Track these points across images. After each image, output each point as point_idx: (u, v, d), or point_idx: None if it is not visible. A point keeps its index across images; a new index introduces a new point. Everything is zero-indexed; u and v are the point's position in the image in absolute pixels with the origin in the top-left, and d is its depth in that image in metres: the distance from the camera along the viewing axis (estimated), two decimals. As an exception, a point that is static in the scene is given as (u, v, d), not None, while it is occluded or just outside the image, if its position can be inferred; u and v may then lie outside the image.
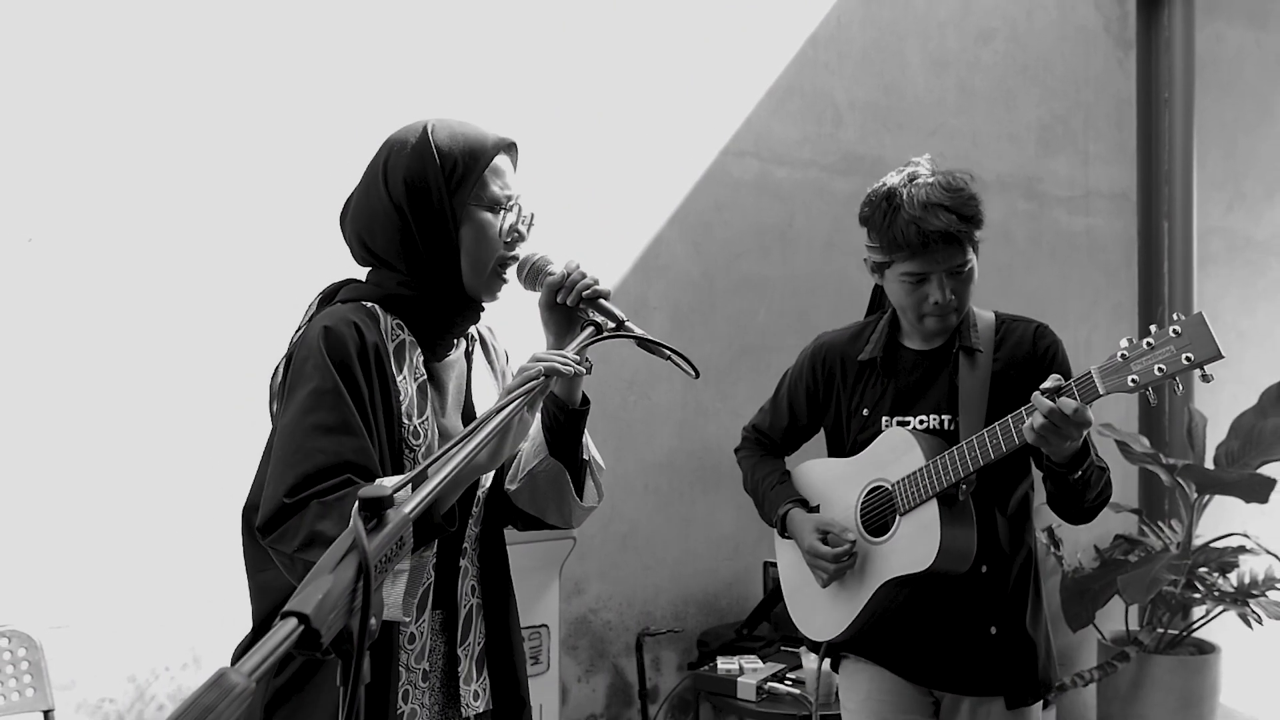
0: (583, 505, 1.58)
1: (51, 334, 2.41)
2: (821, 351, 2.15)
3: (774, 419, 2.24)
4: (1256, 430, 4.03)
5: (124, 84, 2.49)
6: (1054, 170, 4.29)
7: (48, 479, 2.40)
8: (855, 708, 2.08)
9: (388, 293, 1.49)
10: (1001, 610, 1.97)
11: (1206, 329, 1.58)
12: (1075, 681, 3.83)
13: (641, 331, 1.44)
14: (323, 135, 2.70)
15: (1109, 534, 4.35)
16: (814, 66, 3.63)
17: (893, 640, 2.03)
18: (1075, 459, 1.78)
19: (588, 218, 3.15)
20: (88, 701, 2.45)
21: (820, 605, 2.08)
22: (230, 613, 2.48)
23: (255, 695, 1.45)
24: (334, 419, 1.35)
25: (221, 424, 2.55)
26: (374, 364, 1.42)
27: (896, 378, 2.04)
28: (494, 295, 1.54)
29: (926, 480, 1.88)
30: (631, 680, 3.25)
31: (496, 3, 3.02)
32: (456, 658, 1.53)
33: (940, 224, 1.86)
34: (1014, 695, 1.97)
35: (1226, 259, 4.96)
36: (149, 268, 2.52)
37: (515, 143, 1.54)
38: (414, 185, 1.46)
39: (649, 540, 3.31)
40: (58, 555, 2.40)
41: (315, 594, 0.75)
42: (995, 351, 1.99)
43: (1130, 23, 4.56)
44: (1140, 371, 1.63)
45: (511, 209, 1.51)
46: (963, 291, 1.94)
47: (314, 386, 1.36)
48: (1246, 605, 3.79)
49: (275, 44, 2.68)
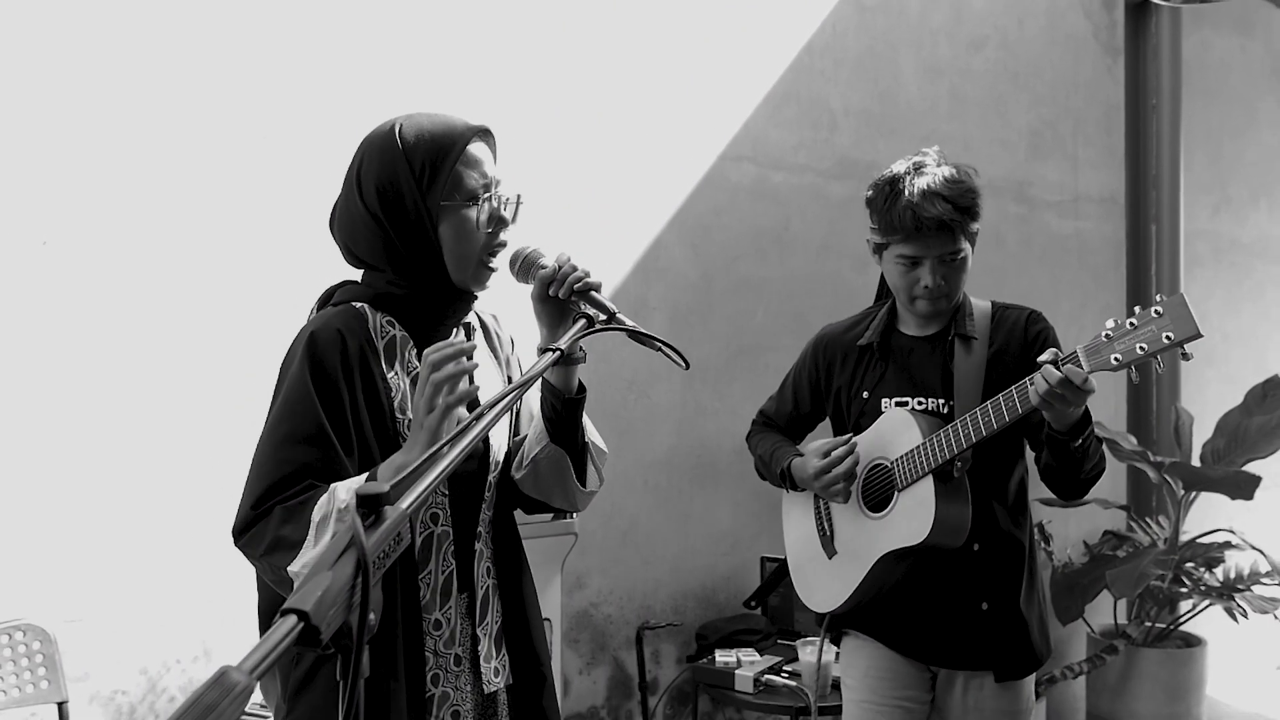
0: (585, 490, 1.59)
1: (65, 334, 2.41)
2: (823, 342, 2.20)
3: (779, 406, 2.29)
4: (1242, 428, 4.02)
5: (133, 91, 2.49)
6: (1044, 175, 4.28)
7: (61, 477, 2.39)
8: (854, 683, 2.12)
9: (378, 292, 1.49)
10: (993, 588, 2.00)
11: (1187, 309, 1.60)
12: (1065, 674, 3.82)
13: (633, 324, 1.43)
14: (324, 138, 2.69)
15: (1098, 530, 4.34)
16: (810, 73, 3.62)
17: (890, 617, 2.06)
18: (1077, 426, 1.80)
19: (588, 220, 3.14)
20: (101, 693, 2.44)
21: (822, 578, 2.13)
22: (239, 607, 2.48)
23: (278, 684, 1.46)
24: (304, 428, 1.37)
25: (229, 422, 2.54)
26: (358, 367, 1.42)
27: (894, 362, 2.07)
28: (483, 285, 1.52)
29: (923, 456, 1.91)
30: (632, 672, 3.25)
31: (500, 6, 3.02)
32: (477, 637, 1.54)
33: (935, 211, 1.90)
34: (1003, 669, 2.00)
35: (1212, 262, 4.95)
36: (161, 269, 2.52)
37: (488, 128, 1.51)
38: (386, 192, 1.45)
39: (649, 536, 3.30)
40: (71, 551, 2.40)
41: (314, 590, 0.74)
42: (990, 338, 2.02)
43: (1118, 31, 4.54)
44: (1123, 350, 1.65)
45: (490, 198, 1.48)
46: (953, 279, 1.98)
47: (288, 396, 1.39)
48: (1232, 599, 3.79)
49: (280, 48, 2.68)
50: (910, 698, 2.05)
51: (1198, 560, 3.90)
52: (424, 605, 1.48)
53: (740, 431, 2.40)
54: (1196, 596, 3.93)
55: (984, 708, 2.01)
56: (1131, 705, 3.94)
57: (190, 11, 2.56)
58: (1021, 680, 2.03)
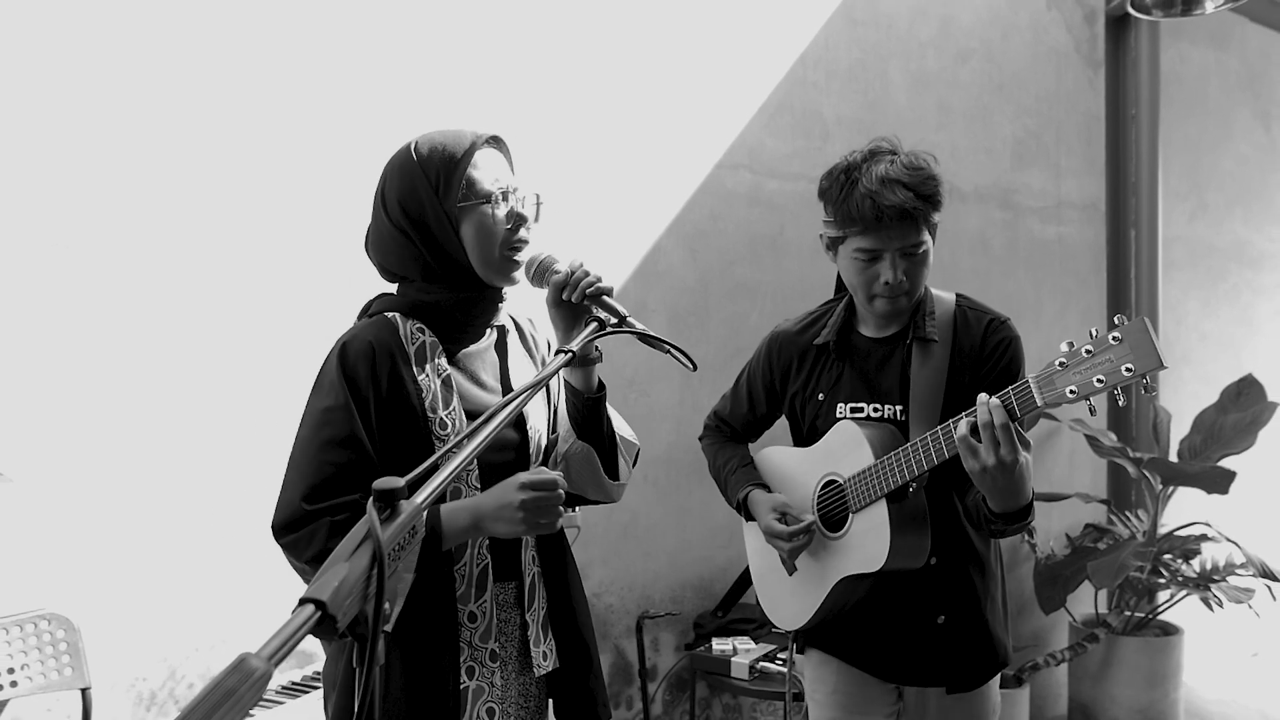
0: (617, 482, 1.63)
1: (99, 333, 2.40)
2: (777, 342, 2.04)
3: (734, 407, 2.15)
4: (1217, 426, 4.03)
5: (163, 95, 2.49)
6: (1028, 182, 4.28)
7: (85, 471, 2.39)
8: (822, 699, 2.00)
9: (410, 302, 1.53)
10: (951, 601, 1.86)
11: (1149, 337, 1.38)
12: (1048, 661, 3.83)
13: (642, 327, 1.44)
14: (340, 148, 2.69)
15: (1079, 523, 4.34)
16: (803, 85, 3.62)
17: (851, 636, 1.94)
18: (1014, 514, 1.62)
19: (591, 226, 3.14)
20: (122, 680, 2.44)
21: (785, 594, 2.00)
22: (256, 597, 2.48)
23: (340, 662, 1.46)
24: (340, 433, 1.42)
25: (246, 418, 2.54)
26: (387, 375, 1.46)
27: (851, 364, 1.90)
28: (510, 279, 1.54)
29: (875, 480, 1.75)
30: (632, 660, 3.25)
31: (510, 22, 3.02)
32: (527, 623, 1.55)
33: (896, 199, 1.70)
34: (955, 681, 1.87)
35: (1189, 265, 4.95)
36: (186, 272, 2.51)
37: (498, 136, 1.55)
38: (408, 204, 1.49)
39: (649, 529, 3.30)
40: (95, 543, 2.40)
41: (332, 581, 0.75)
42: (952, 342, 1.82)
43: (1099, 44, 4.55)
44: (1079, 383, 1.45)
45: (505, 197, 1.50)
46: (915, 274, 1.78)
47: (326, 404, 1.43)
48: (1208, 590, 3.79)
49: (297, 60, 2.68)
50: (876, 712, 1.94)
51: (1175, 552, 3.90)
52: (459, 596, 1.49)
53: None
54: (1174, 587, 3.93)
55: (948, 718, 1.90)
56: (1112, 691, 3.94)
57: (215, 21, 2.56)
58: (980, 688, 1.89)
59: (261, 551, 1.41)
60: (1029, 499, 1.62)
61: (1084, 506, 4.35)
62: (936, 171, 1.78)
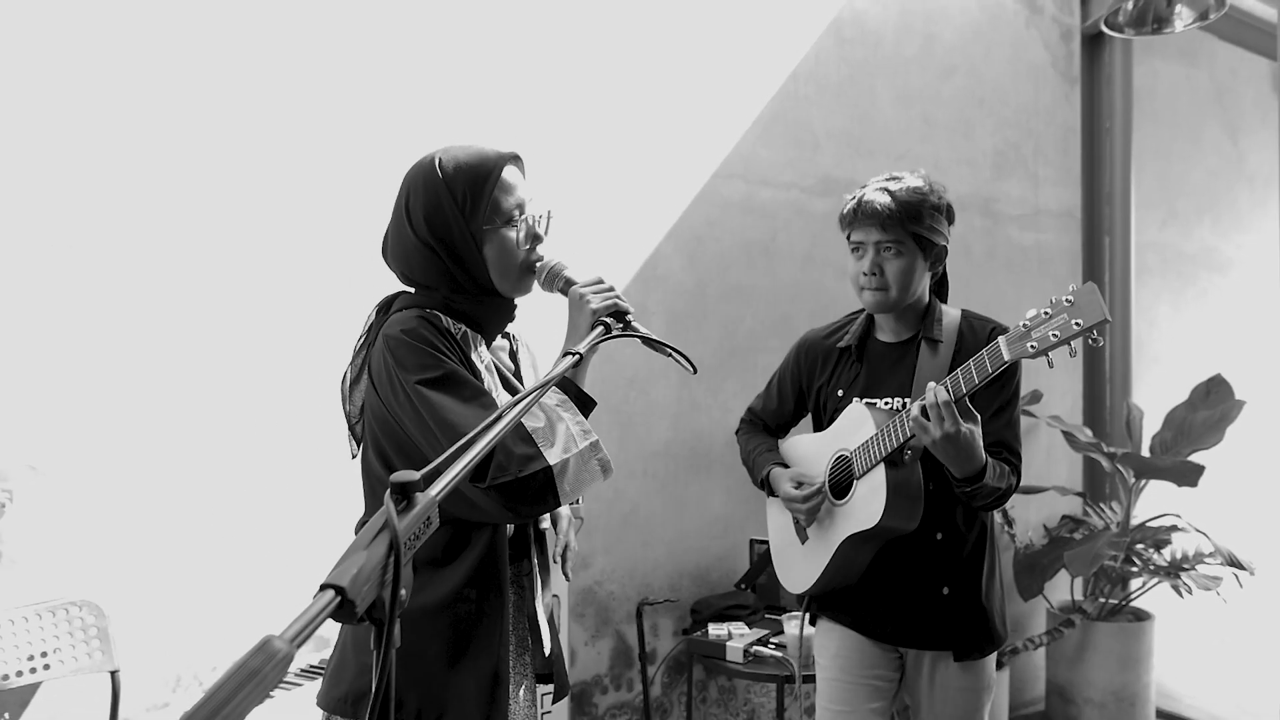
0: None
1: (120, 333, 2.40)
2: (805, 346, 2.20)
3: (766, 404, 2.29)
4: (1187, 423, 4.03)
5: (172, 98, 2.49)
6: (1007, 191, 4.29)
7: (114, 463, 2.39)
8: (827, 662, 2.10)
9: (443, 301, 1.52)
10: (954, 574, 1.98)
11: (1096, 296, 1.55)
12: (1026, 645, 3.83)
13: (646, 331, 1.45)
14: (346, 152, 2.69)
15: (1056, 515, 4.35)
16: (795, 99, 3.62)
17: (858, 603, 2.05)
18: (971, 477, 1.77)
19: (593, 233, 3.14)
20: (149, 663, 2.44)
21: (798, 560, 2.13)
22: (276, 583, 2.48)
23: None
24: (472, 387, 1.39)
25: (272, 410, 2.54)
26: (459, 349, 1.45)
27: (868, 364, 2.06)
28: (526, 291, 1.57)
29: (876, 445, 1.88)
30: (632, 644, 3.25)
31: (519, 40, 3.02)
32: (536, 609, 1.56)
33: (876, 200, 1.91)
34: (962, 649, 1.99)
35: (1160, 270, 4.95)
36: (215, 273, 2.52)
37: (517, 154, 1.55)
38: (434, 222, 1.47)
39: (648, 520, 3.30)
40: (123, 533, 2.40)
41: (351, 568, 0.75)
42: (956, 343, 1.98)
43: (1075, 60, 4.55)
44: (1039, 338, 1.59)
45: (526, 218, 1.52)
46: (891, 270, 1.93)
47: (442, 378, 1.38)
48: (1178, 578, 3.79)
49: (301, 64, 2.68)
50: (879, 676, 2.04)
51: (1147, 542, 3.90)
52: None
53: (731, 426, 2.41)
54: (1146, 575, 3.93)
55: (948, 685, 2.00)
56: (1087, 674, 3.94)
57: (220, 24, 2.56)
58: (981, 660, 2.00)
59: (283, 544, 1.41)
60: (982, 462, 1.77)
61: (1061, 499, 4.35)
62: (938, 200, 1.95)
